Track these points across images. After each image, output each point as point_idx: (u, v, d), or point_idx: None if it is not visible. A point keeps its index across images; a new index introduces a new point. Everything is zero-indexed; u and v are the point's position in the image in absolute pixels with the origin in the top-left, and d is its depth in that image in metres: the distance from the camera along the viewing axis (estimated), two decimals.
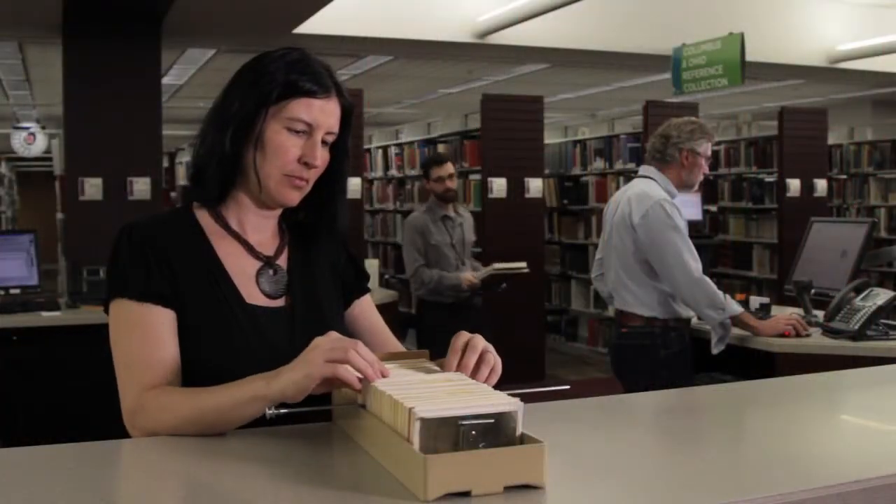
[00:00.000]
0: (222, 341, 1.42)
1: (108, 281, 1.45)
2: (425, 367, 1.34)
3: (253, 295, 1.48)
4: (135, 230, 1.44)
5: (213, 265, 1.46)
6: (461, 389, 1.18)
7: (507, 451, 1.05)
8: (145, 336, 1.39)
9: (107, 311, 1.44)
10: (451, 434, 1.05)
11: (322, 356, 1.24)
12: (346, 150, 1.52)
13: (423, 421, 1.04)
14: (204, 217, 1.50)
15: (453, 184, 4.85)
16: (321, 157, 1.46)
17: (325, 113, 1.45)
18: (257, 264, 1.51)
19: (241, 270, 1.48)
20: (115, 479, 1.24)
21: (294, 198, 1.48)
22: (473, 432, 1.05)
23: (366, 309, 1.66)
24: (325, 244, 1.61)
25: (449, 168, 4.80)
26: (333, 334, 1.28)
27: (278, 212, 1.55)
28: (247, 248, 1.50)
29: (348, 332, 1.59)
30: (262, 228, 1.54)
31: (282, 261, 1.54)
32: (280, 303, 1.51)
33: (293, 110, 1.43)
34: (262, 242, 1.53)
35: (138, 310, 1.40)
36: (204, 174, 1.48)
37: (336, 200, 1.56)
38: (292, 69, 1.44)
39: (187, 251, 1.45)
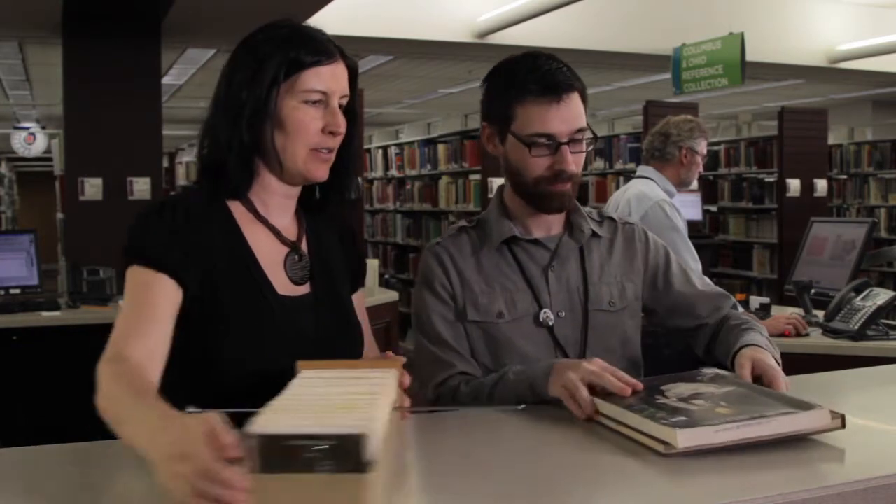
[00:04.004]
0: (256, 331, 1.40)
1: (126, 247, 1.40)
2: (366, 377, 1.22)
3: (282, 283, 1.46)
4: (169, 208, 1.41)
5: (245, 254, 1.44)
6: (351, 404, 1.08)
7: (319, 479, 0.94)
8: (144, 302, 1.35)
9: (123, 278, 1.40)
10: (297, 454, 0.95)
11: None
12: (354, 113, 1.51)
13: (260, 438, 0.95)
14: (234, 204, 1.48)
15: (575, 165, 1.67)
16: (342, 123, 1.45)
17: (335, 78, 1.44)
18: (284, 250, 1.49)
19: (271, 258, 1.47)
20: (114, 479, 1.24)
21: (323, 172, 1.46)
22: (313, 454, 0.95)
23: (359, 305, 1.64)
24: (332, 219, 1.59)
25: (567, 109, 1.64)
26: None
27: (298, 192, 1.52)
28: (275, 234, 1.49)
29: (356, 318, 1.58)
30: (286, 211, 1.52)
31: (303, 245, 1.53)
32: (304, 290, 1.49)
33: (305, 82, 1.42)
34: (286, 227, 1.51)
35: (149, 276, 1.36)
36: (225, 168, 1.44)
37: (351, 165, 1.54)
38: (292, 42, 1.43)
39: (221, 239, 1.43)
